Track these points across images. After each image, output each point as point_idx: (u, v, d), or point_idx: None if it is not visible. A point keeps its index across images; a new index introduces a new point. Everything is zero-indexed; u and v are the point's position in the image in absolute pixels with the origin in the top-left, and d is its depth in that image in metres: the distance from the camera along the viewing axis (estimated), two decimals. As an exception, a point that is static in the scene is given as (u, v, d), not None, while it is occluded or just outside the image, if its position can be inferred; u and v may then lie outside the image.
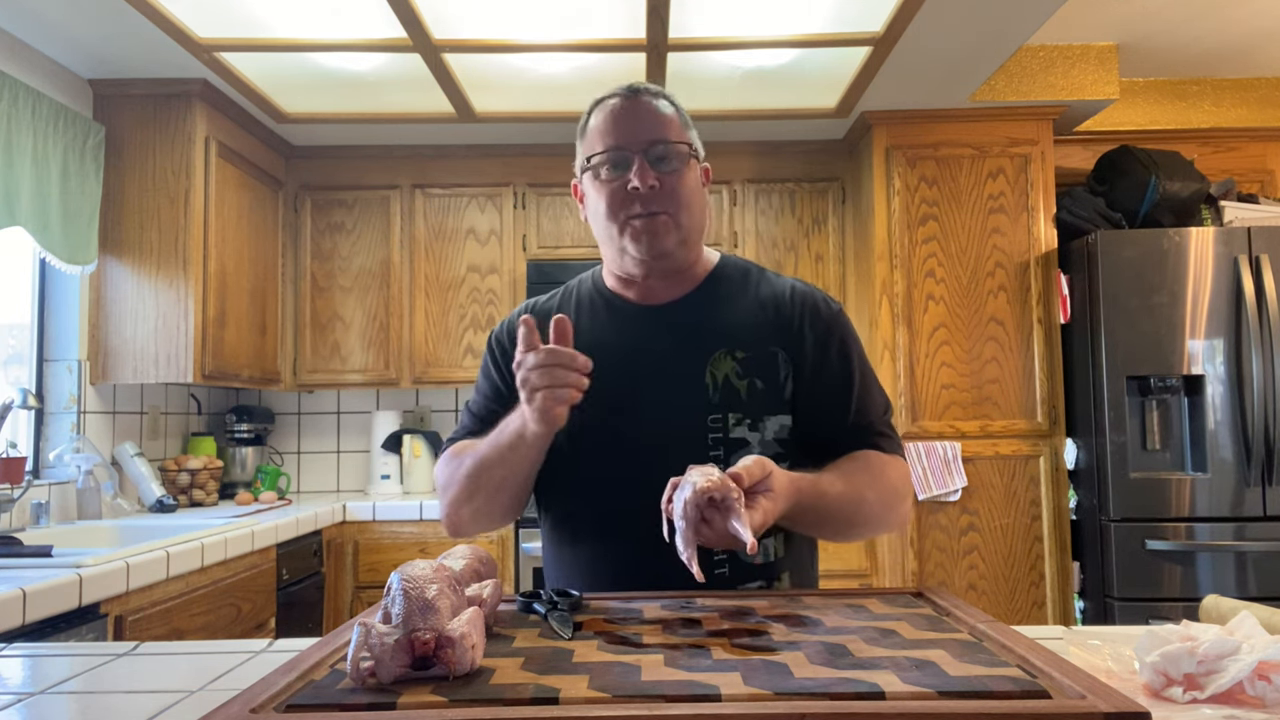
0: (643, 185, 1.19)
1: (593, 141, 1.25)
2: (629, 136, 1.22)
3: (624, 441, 1.22)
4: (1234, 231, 3.10)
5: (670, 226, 1.22)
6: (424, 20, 2.57)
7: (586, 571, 1.25)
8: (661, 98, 1.26)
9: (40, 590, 1.73)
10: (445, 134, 3.58)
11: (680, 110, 1.27)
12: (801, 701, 0.66)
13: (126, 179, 3.00)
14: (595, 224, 1.28)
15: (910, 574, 3.27)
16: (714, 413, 1.22)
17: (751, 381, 1.23)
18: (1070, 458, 3.29)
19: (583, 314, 1.32)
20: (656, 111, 1.24)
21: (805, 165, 3.74)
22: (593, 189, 1.25)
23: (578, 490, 1.26)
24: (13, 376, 2.83)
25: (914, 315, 3.37)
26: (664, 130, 1.23)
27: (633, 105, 1.24)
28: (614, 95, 1.26)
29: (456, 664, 0.73)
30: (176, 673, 0.98)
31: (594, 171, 1.24)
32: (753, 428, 1.22)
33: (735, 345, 1.24)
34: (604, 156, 1.22)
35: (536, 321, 1.23)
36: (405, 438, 3.76)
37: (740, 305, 1.28)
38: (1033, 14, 2.68)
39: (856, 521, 1.20)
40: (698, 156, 1.27)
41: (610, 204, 1.23)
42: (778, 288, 1.31)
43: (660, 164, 1.21)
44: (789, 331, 1.26)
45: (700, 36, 2.74)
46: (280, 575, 2.78)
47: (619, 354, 1.25)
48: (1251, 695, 0.74)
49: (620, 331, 1.28)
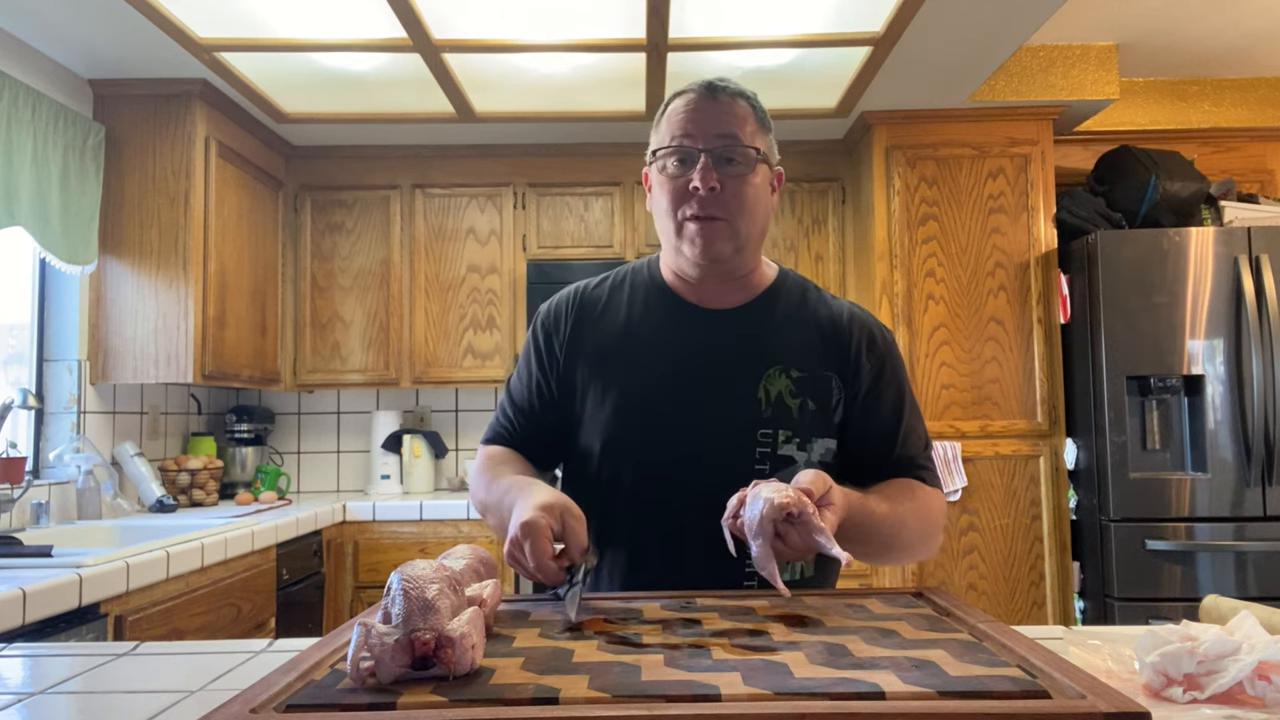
0: (703, 186, 1.16)
1: (663, 133, 1.22)
2: (698, 133, 1.18)
3: (670, 446, 1.20)
4: (1234, 231, 3.10)
5: (726, 232, 1.19)
6: (424, 20, 2.57)
7: (618, 575, 1.23)
8: (741, 97, 1.22)
9: (40, 590, 1.73)
10: (445, 134, 3.58)
11: (759, 110, 1.23)
12: (801, 701, 0.66)
13: (126, 179, 3.00)
14: (656, 216, 1.25)
15: (910, 574, 3.27)
16: (764, 427, 1.20)
17: (804, 401, 1.22)
18: (1070, 458, 3.29)
19: (636, 304, 1.29)
20: (732, 110, 1.20)
21: (805, 165, 3.73)
22: (657, 182, 1.23)
23: (616, 492, 1.23)
24: (13, 376, 2.83)
25: (914, 315, 3.37)
26: (735, 130, 1.19)
27: (708, 102, 1.20)
28: (693, 89, 1.22)
29: (456, 664, 0.73)
30: (176, 673, 0.98)
31: (660, 164, 1.21)
32: (801, 447, 1.21)
33: (791, 364, 1.23)
34: (671, 150, 1.19)
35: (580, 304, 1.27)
36: (405, 438, 3.76)
37: (798, 324, 1.27)
38: (1033, 14, 2.68)
39: (895, 545, 1.20)
40: (768, 161, 1.23)
41: (671, 200, 1.20)
42: (835, 310, 1.29)
43: (725, 165, 1.18)
44: (844, 357, 1.25)
45: (700, 36, 2.74)
46: (280, 575, 2.77)
47: (674, 354, 1.23)
48: (1251, 695, 0.74)
49: (677, 331, 1.26)
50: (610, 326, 1.28)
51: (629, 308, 1.29)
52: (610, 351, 1.26)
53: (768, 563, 0.97)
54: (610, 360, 1.26)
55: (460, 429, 3.93)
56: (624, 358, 1.25)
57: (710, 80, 1.22)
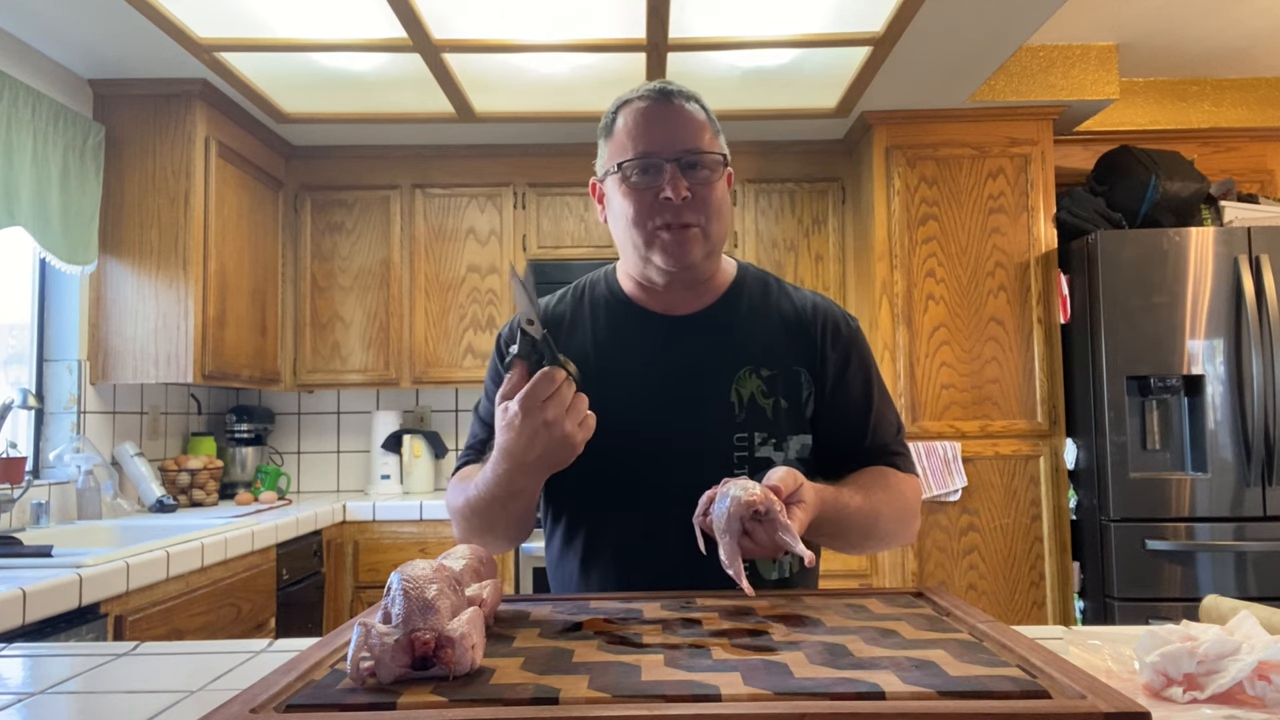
0: (675, 196, 1.14)
1: (621, 144, 1.19)
2: (663, 143, 1.17)
3: (647, 457, 1.19)
4: (1234, 231, 3.10)
5: (699, 238, 1.19)
6: (424, 20, 2.57)
7: (599, 586, 1.22)
8: (693, 100, 1.21)
9: (40, 590, 1.73)
10: (445, 134, 3.58)
11: (710, 113, 1.23)
12: (801, 701, 0.66)
13: (126, 179, 3.00)
14: (617, 228, 1.23)
15: (910, 574, 3.27)
16: (740, 431, 1.20)
17: (776, 400, 1.21)
18: (1070, 458, 3.29)
19: (600, 319, 1.27)
20: (690, 117, 1.19)
21: (805, 165, 3.74)
22: (618, 194, 1.20)
23: (596, 506, 1.22)
24: (13, 376, 2.83)
25: (914, 315, 3.37)
26: (698, 137, 1.18)
27: (665, 109, 1.18)
28: (643, 97, 1.20)
29: (456, 664, 0.73)
30: (176, 673, 0.98)
31: (622, 176, 1.18)
32: (777, 447, 1.20)
33: (761, 363, 1.22)
34: (635, 162, 1.17)
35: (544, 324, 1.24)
36: (405, 438, 3.76)
37: (763, 320, 1.26)
38: (1033, 14, 2.68)
39: (872, 535, 1.20)
40: (728, 164, 1.23)
41: (638, 211, 1.18)
42: (798, 302, 1.28)
43: (692, 173, 1.17)
44: (811, 350, 1.25)
45: (700, 36, 2.74)
46: (280, 575, 2.77)
47: (642, 366, 1.22)
48: (1251, 695, 0.74)
49: (642, 342, 1.24)
50: (576, 344, 1.26)
51: (593, 322, 1.27)
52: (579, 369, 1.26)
53: (734, 560, 0.96)
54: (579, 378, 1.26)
55: (460, 429, 3.93)
56: (592, 374, 1.23)
57: (659, 85, 1.20)
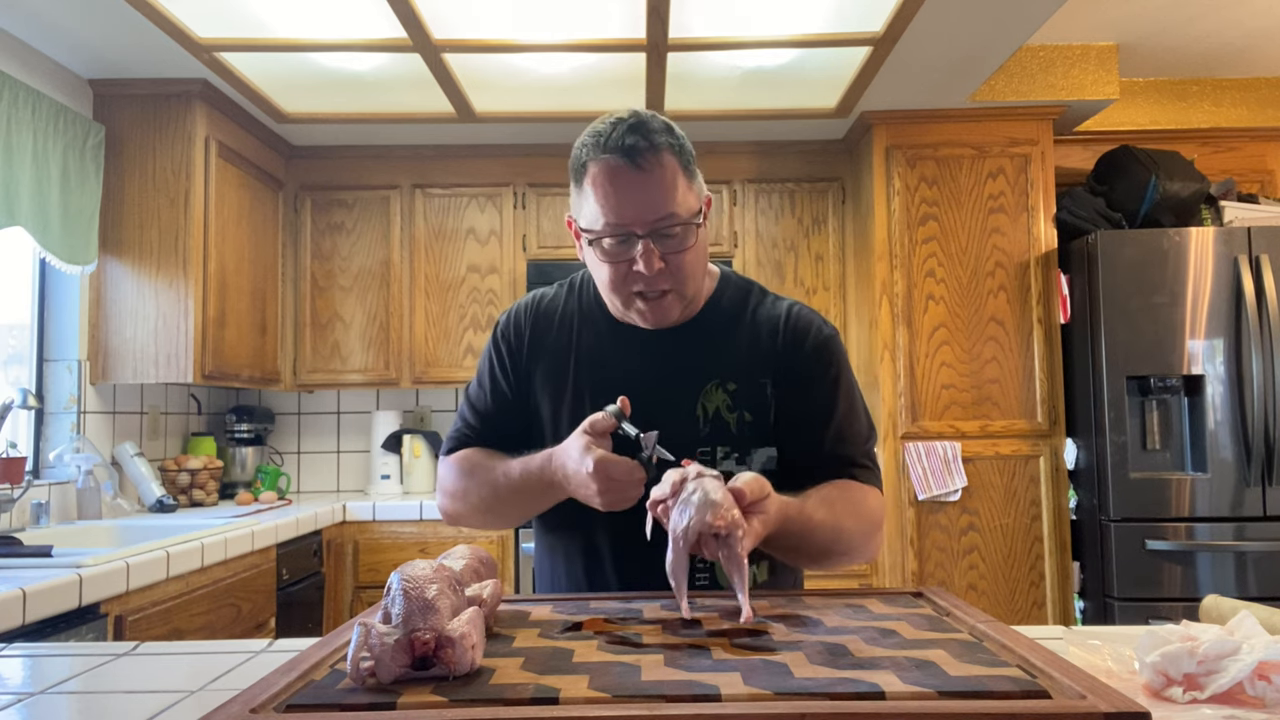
0: (649, 269, 1.13)
1: (593, 210, 1.14)
2: (632, 215, 1.12)
3: None
4: (1234, 231, 3.10)
5: (676, 302, 1.20)
6: (424, 20, 2.57)
7: (567, 587, 1.29)
8: (664, 150, 1.13)
9: (40, 590, 1.73)
10: (445, 134, 3.58)
11: (682, 152, 1.16)
12: (801, 701, 0.66)
13: (126, 179, 3.00)
14: (596, 280, 1.24)
15: (910, 574, 3.27)
16: (703, 445, 1.21)
17: (741, 414, 1.22)
18: (1070, 458, 3.29)
19: (583, 328, 1.30)
20: (660, 180, 1.12)
21: (805, 165, 3.73)
22: (593, 254, 1.18)
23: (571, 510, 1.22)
24: (13, 376, 2.83)
25: (914, 315, 3.37)
26: (669, 200, 1.13)
27: (635, 175, 1.11)
28: (613, 151, 1.12)
29: (456, 664, 0.73)
30: (176, 673, 0.98)
31: (595, 242, 1.16)
32: (740, 460, 1.22)
33: (727, 377, 1.23)
34: (605, 233, 1.14)
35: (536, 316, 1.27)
36: (405, 438, 3.76)
37: (736, 334, 1.26)
38: (1033, 14, 2.68)
39: (834, 550, 1.19)
40: (703, 213, 1.18)
41: (614, 279, 1.18)
42: (774, 313, 1.28)
43: (666, 241, 1.14)
44: (776, 358, 1.24)
45: (700, 36, 2.74)
46: (280, 575, 2.77)
47: (613, 375, 1.24)
48: (1251, 695, 0.74)
49: (614, 352, 1.27)
50: (560, 343, 1.29)
51: (576, 324, 1.30)
52: (559, 369, 1.28)
53: (679, 571, 0.96)
54: (557, 378, 1.28)
55: (460, 429, 3.93)
56: (569, 377, 1.27)
57: (626, 141, 1.11)
